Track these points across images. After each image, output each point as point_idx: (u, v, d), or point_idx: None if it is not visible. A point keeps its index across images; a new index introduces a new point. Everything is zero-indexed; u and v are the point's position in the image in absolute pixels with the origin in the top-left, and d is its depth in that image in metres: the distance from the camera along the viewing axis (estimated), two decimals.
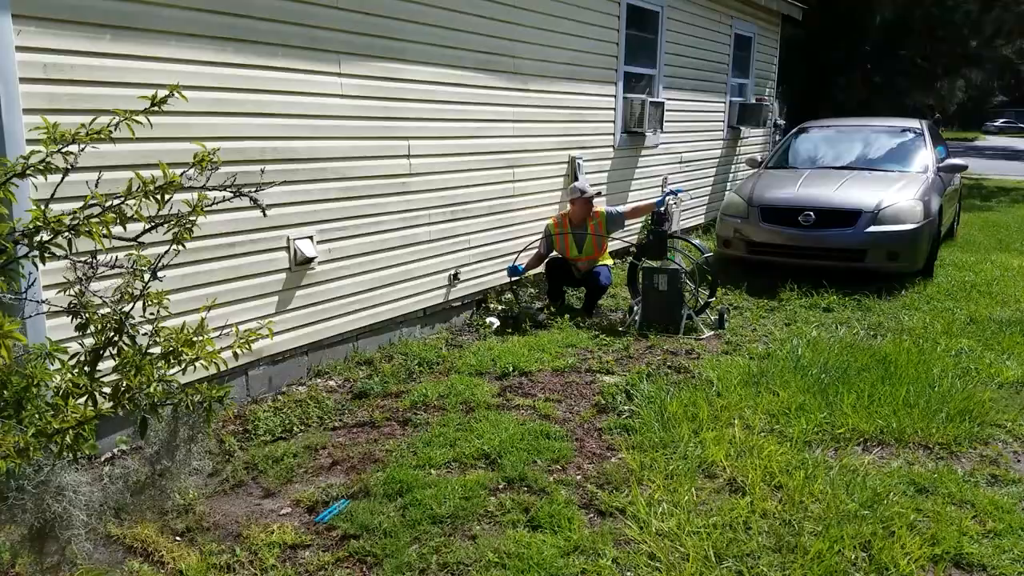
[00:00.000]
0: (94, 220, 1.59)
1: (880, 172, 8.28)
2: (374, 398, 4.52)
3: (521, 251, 6.48)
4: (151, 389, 1.75)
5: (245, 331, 1.91)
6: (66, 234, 1.59)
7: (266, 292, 4.44)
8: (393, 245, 5.32)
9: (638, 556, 2.88)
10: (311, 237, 4.66)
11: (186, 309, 3.80)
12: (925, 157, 8.51)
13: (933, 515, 3.15)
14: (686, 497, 3.26)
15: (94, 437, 1.71)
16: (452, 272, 5.95)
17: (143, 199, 1.67)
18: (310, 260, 4.64)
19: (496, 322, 6.05)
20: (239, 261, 4.24)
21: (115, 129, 1.75)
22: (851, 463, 3.59)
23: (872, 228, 7.17)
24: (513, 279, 6.39)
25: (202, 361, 1.77)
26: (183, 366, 1.81)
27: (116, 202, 1.66)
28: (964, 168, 9.06)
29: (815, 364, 4.85)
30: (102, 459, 3.75)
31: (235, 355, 1.93)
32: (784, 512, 3.16)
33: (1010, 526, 3.09)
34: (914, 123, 9.37)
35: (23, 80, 3.15)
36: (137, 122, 1.77)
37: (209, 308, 1.98)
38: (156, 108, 1.81)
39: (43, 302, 2.40)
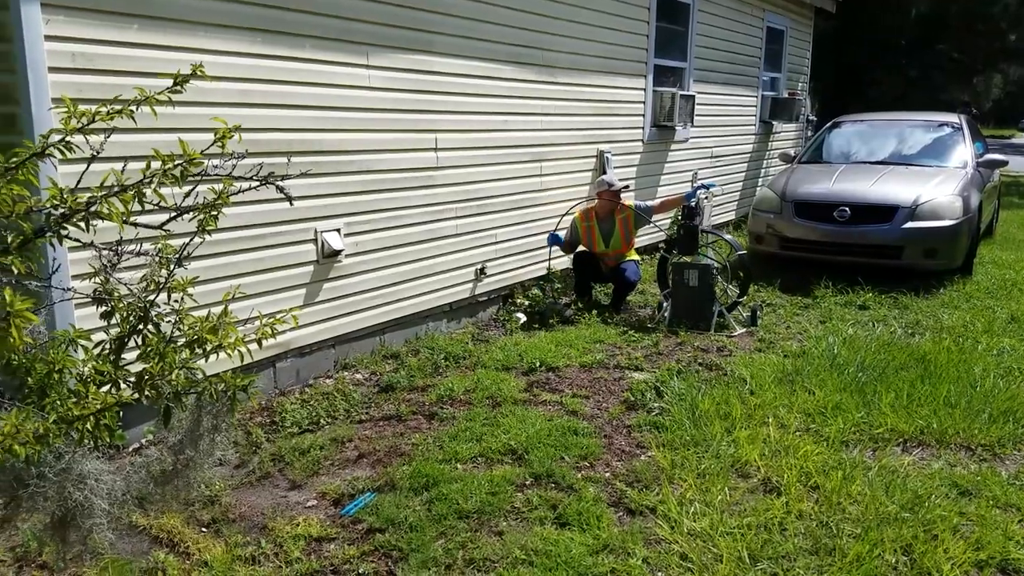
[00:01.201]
0: (111, 199, 1.55)
1: (917, 167, 8.08)
2: (400, 392, 4.48)
3: (560, 220, 6.38)
4: (173, 376, 1.71)
5: (269, 318, 1.86)
6: (82, 214, 1.55)
7: (294, 284, 4.42)
8: (419, 239, 5.28)
9: (669, 556, 2.80)
10: (338, 230, 4.63)
11: (214, 300, 3.78)
12: (964, 152, 8.29)
13: (977, 519, 3.03)
14: (719, 497, 3.18)
15: (115, 424, 1.67)
16: (479, 267, 5.90)
17: (163, 179, 1.63)
18: (337, 253, 4.62)
19: (523, 317, 5.99)
20: (267, 253, 4.22)
21: (136, 109, 1.71)
22: (890, 464, 3.47)
23: (909, 224, 6.99)
24: (552, 247, 6.32)
25: (226, 349, 1.73)
26: (206, 354, 1.77)
27: (135, 180, 1.62)
28: (1004, 164, 8.81)
29: (851, 362, 4.72)
30: (130, 449, 3.75)
31: (258, 343, 1.89)
32: (821, 513, 3.06)
33: None
34: (952, 117, 9.13)
35: (52, 69, 3.15)
36: (159, 101, 1.73)
37: (233, 295, 1.94)
38: (179, 88, 1.77)
39: (69, 289, 2.38)
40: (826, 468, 3.41)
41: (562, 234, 6.30)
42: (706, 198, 5.94)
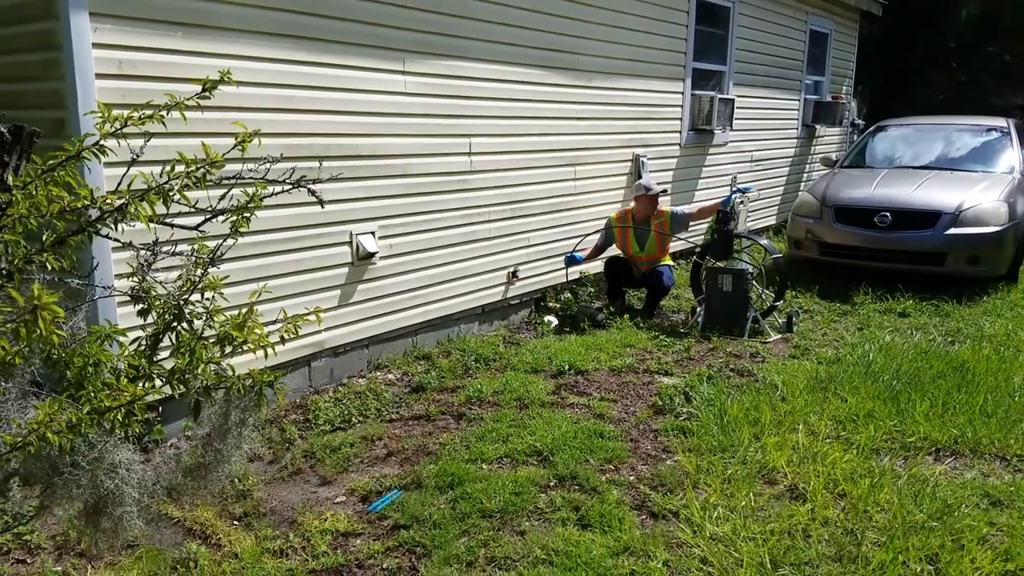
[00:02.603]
0: (138, 200, 1.63)
1: (962, 172, 7.91)
2: (430, 392, 4.55)
3: (580, 241, 6.41)
4: (200, 371, 1.79)
5: (294, 318, 1.93)
6: (112, 215, 1.64)
7: (329, 286, 4.52)
8: (453, 242, 5.35)
9: (690, 560, 2.80)
10: (373, 232, 4.72)
11: (250, 301, 3.89)
12: (1011, 157, 8.08)
13: (1008, 529, 2.97)
14: (743, 502, 3.17)
15: (143, 415, 1.75)
16: (511, 270, 5.95)
17: (187, 182, 1.70)
18: (372, 255, 4.70)
19: (554, 321, 6.01)
20: (303, 255, 4.33)
21: (167, 114, 1.80)
22: (920, 473, 3.42)
23: (952, 230, 6.84)
24: (571, 268, 6.34)
25: (250, 345, 1.80)
26: (233, 349, 1.85)
27: (160, 183, 1.70)
28: None
29: (887, 370, 4.65)
30: (168, 444, 3.87)
31: (282, 340, 1.95)
32: (847, 521, 3.03)
33: None
34: (1000, 122, 8.90)
35: (99, 76, 3.28)
36: (187, 106, 1.81)
37: (260, 294, 2.01)
38: (207, 94, 1.85)
39: (109, 287, 2.49)
40: (854, 476, 3.37)
41: (580, 255, 6.28)
42: (742, 202, 5.89)
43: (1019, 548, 2.83)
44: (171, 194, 1.64)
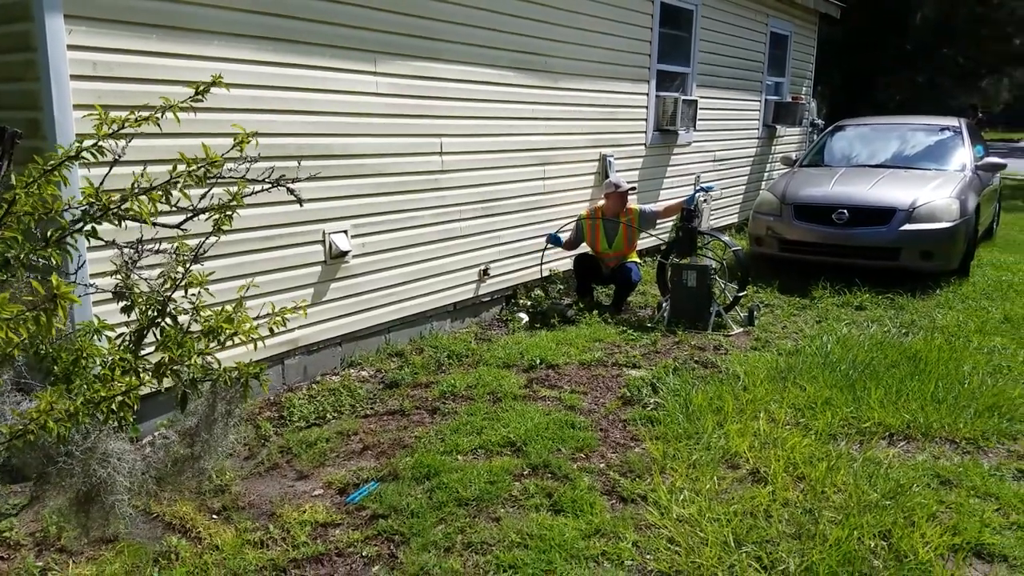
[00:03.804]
0: (142, 197, 1.71)
1: (916, 170, 8.20)
2: (404, 388, 4.63)
3: (565, 225, 6.54)
4: (191, 361, 1.87)
5: (280, 309, 2.02)
6: (115, 211, 1.71)
7: (303, 284, 4.58)
8: (425, 240, 5.44)
9: (658, 540, 2.93)
10: (346, 231, 4.79)
11: (229, 299, 3.94)
12: (963, 155, 8.40)
13: (956, 507, 3.15)
14: (707, 486, 3.31)
15: (138, 403, 1.82)
16: (482, 268, 6.05)
17: (188, 180, 1.78)
18: (344, 254, 4.77)
19: (525, 317, 6.13)
20: (277, 253, 4.38)
21: (161, 116, 1.87)
22: (875, 456, 3.60)
23: (906, 226, 7.10)
24: (550, 247, 6.48)
25: (240, 336, 1.88)
26: (222, 342, 1.93)
27: (155, 183, 1.77)
28: (1003, 167, 8.91)
29: (844, 360, 4.85)
30: (143, 442, 3.91)
31: (271, 331, 2.04)
32: (805, 501, 3.19)
33: None
34: (952, 121, 9.23)
35: (74, 77, 3.32)
36: (182, 108, 1.89)
37: (248, 288, 2.09)
38: (200, 96, 1.93)
39: (90, 285, 2.54)
40: (813, 459, 3.54)
41: (563, 236, 6.44)
42: (705, 201, 6.06)
43: (966, 524, 3.01)
44: (173, 192, 1.72)
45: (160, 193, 1.74)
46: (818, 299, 6.77)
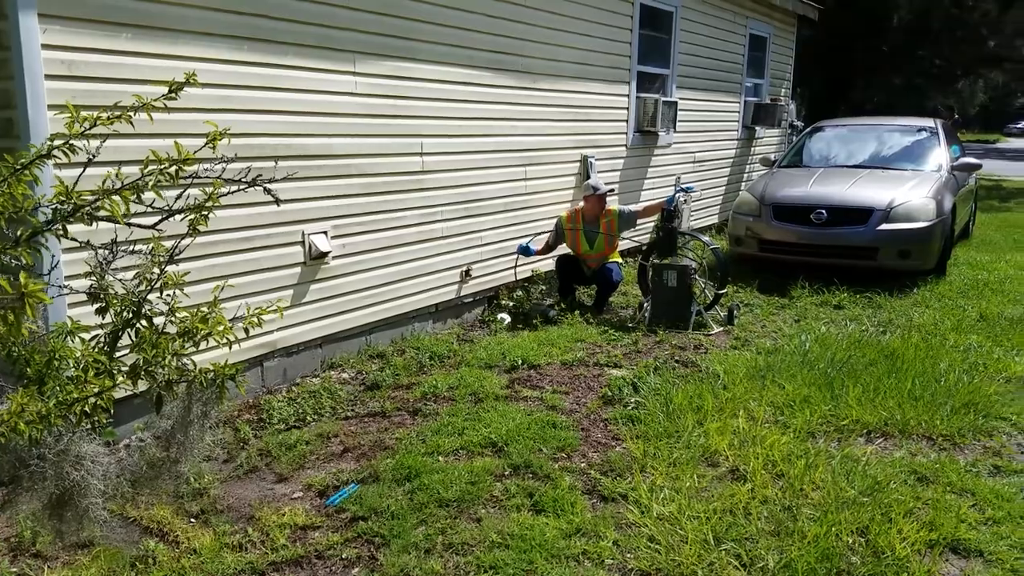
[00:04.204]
0: (115, 197, 1.69)
1: (893, 171, 8.28)
2: (386, 389, 4.62)
3: (536, 235, 6.55)
4: (167, 363, 1.85)
5: (255, 309, 2.00)
6: (87, 210, 1.69)
7: (282, 285, 4.55)
8: (406, 241, 5.42)
9: (638, 539, 2.94)
10: (326, 232, 4.77)
11: (206, 300, 3.91)
12: (939, 156, 8.50)
13: (932, 503, 3.19)
14: (687, 484, 3.33)
15: (112, 405, 1.80)
16: (464, 269, 6.04)
17: (160, 178, 1.76)
18: (324, 255, 4.75)
19: (507, 318, 6.13)
20: (256, 255, 4.35)
21: (134, 115, 1.85)
22: (853, 453, 3.63)
23: (884, 226, 7.18)
24: (521, 262, 6.48)
25: (215, 337, 1.86)
26: (196, 342, 1.91)
27: (129, 182, 1.76)
28: (978, 167, 9.02)
29: (822, 358, 4.89)
30: (120, 445, 3.86)
31: (246, 331, 2.02)
32: (784, 498, 3.21)
33: (1009, 514, 3.12)
34: (928, 122, 9.35)
35: (48, 77, 3.27)
36: (155, 108, 1.87)
37: (222, 288, 2.07)
38: (173, 95, 1.91)
39: (64, 286, 2.51)
40: (791, 457, 3.56)
41: (535, 246, 6.42)
42: (685, 201, 6.09)
43: (943, 519, 3.04)
44: (146, 191, 1.70)
45: (132, 192, 1.72)
46: (797, 298, 6.83)
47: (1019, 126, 57.95)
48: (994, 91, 35.03)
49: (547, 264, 6.82)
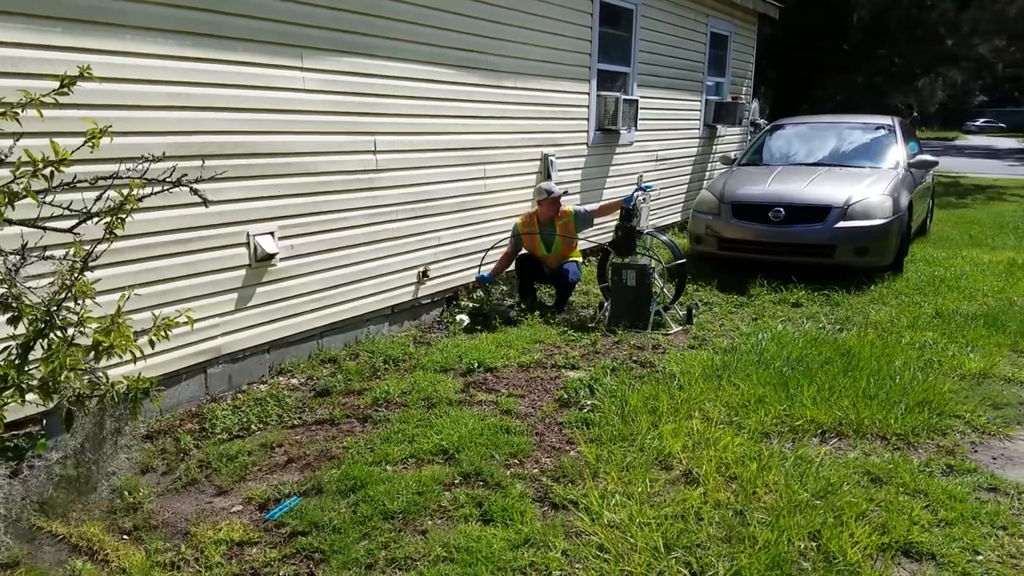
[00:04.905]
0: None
1: (851, 168, 8.32)
2: (336, 395, 4.48)
3: (489, 249, 6.46)
4: (64, 378, 1.72)
5: (164, 320, 1.87)
6: None
7: (224, 289, 4.39)
8: (359, 242, 5.28)
9: (587, 548, 2.86)
10: (272, 233, 4.62)
11: (141, 306, 3.75)
12: (896, 153, 8.56)
13: (885, 504, 3.14)
14: (639, 489, 3.25)
15: (1, 427, 1.66)
16: (421, 269, 5.92)
17: (29, 182, 1.63)
18: (271, 256, 4.60)
19: (466, 319, 6.02)
20: (195, 257, 4.18)
21: (21, 111, 1.71)
22: (807, 454, 3.59)
23: (841, 224, 7.19)
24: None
25: (116, 351, 1.74)
26: (98, 355, 1.78)
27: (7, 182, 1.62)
28: (935, 164, 9.11)
29: (778, 357, 4.85)
30: (23, 466, 3.68)
31: (151, 343, 1.89)
32: (736, 502, 3.15)
33: (962, 515, 3.09)
34: (886, 120, 9.42)
35: None
36: (44, 103, 1.73)
37: (128, 297, 1.94)
38: (66, 89, 1.77)
39: None
40: (744, 459, 3.50)
41: (488, 274, 6.33)
42: (643, 200, 6.03)
43: (895, 522, 3.00)
44: (18, 192, 1.56)
45: (2, 195, 1.59)
46: (755, 296, 6.81)
47: (977, 124, 59.25)
48: (953, 89, 35.66)
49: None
